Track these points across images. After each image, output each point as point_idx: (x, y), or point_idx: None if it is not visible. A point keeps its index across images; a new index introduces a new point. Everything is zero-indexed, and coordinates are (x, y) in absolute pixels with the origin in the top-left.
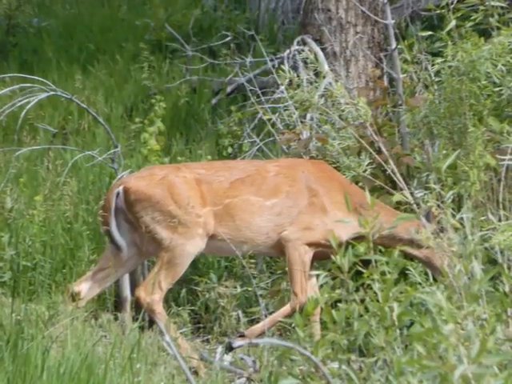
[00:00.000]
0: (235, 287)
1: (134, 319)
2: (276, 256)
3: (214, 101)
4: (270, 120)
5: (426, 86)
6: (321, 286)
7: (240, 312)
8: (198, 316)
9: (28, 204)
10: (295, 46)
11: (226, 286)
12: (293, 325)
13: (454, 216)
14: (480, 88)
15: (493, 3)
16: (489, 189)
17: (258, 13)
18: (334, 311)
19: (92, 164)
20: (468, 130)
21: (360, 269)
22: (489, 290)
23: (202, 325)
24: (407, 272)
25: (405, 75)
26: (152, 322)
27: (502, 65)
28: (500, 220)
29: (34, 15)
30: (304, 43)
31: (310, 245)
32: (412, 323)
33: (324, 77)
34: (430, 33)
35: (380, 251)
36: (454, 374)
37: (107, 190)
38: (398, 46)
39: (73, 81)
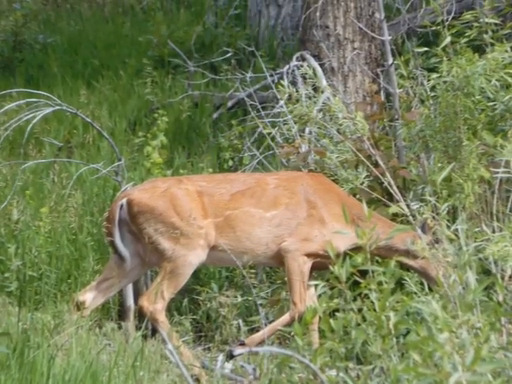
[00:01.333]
0: (236, 297)
1: (138, 328)
2: (275, 266)
3: (215, 115)
4: (269, 134)
5: (422, 101)
6: (319, 296)
7: (240, 321)
8: (199, 325)
9: (34, 216)
10: (294, 62)
11: (227, 296)
12: (292, 333)
13: (448, 227)
14: (474, 103)
15: (487, 20)
16: (483, 201)
17: (258, 29)
18: (332, 320)
19: (96, 177)
20: (462, 143)
21: (357, 279)
22: (483, 300)
23: (203, 333)
24: (403, 282)
25: (401, 90)
26: (155, 331)
27: (496, 80)
28: (494, 231)
29: (39, 32)
30: (303, 59)
31: (308, 255)
32: (408, 332)
33: (322, 92)
34: (425, 49)
35: (377, 262)
36: (448, 382)
37: (111, 202)
38: (395, 62)
39: (78, 96)
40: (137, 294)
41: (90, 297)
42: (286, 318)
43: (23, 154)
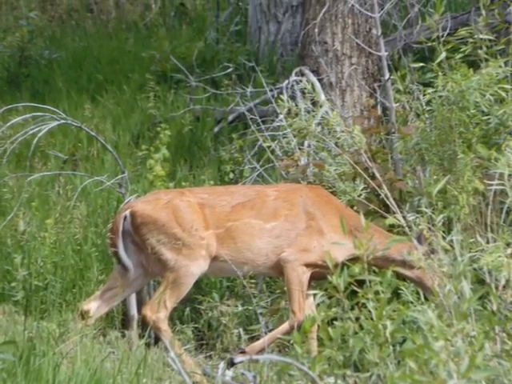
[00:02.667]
0: (236, 306)
1: (141, 336)
2: (275, 276)
3: (216, 129)
4: (269, 147)
5: (418, 115)
6: (318, 305)
7: (241, 329)
8: (201, 333)
9: (40, 227)
10: (293, 77)
11: (228, 305)
12: (291, 341)
13: (444, 238)
14: (469, 117)
15: (481, 36)
16: (477, 212)
17: (258, 45)
18: (330, 329)
19: (100, 189)
20: (457, 156)
21: (355, 288)
22: (477, 309)
23: (204, 341)
24: (400, 291)
25: (397, 104)
26: (157, 339)
27: (490, 95)
28: (488, 242)
29: (45, 48)
30: (302, 74)
31: (307, 266)
32: (404, 340)
33: (321, 106)
34: (421, 64)
35: (374, 272)
36: None
37: (115, 213)
38: (391, 77)
39: (82, 110)
40: (140, 304)
41: (94, 306)
42: (285, 326)
43: (29, 167)
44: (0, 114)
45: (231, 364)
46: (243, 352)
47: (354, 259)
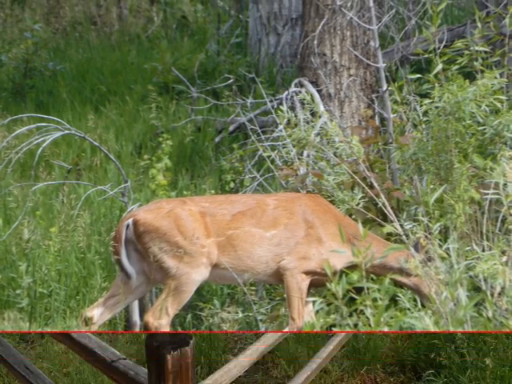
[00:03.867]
0: (237, 312)
1: None
2: (275, 283)
3: (217, 139)
4: (269, 157)
5: (415, 126)
6: (317, 312)
7: None
8: None
9: (44, 235)
10: (293, 88)
11: (229, 312)
12: None
13: (440, 246)
14: (465, 127)
15: (477, 48)
16: (473, 221)
17: (259, 57)
18: None
19: (104, 198)
20: (454, 166)
21: (353, 295)
22: (473, 316)
23: None
24: (397, 298)
25: (395, 115)
26: None
27: (486, 105)
28: (484, 250)
29: (49, 59)
30: (301, 85)
31: (306, 273)
32: None
33: (320, 117)
34: (418, 76)
35: (372, 279)
36: None
37: (118, 222)
38: (389, 88)
39: (86, 120)
40: (142, 310)
41: (97, 313)
42: None
43: (34, 176)
44: (5, 125)
45: None
46: None
47: (353, 267)
